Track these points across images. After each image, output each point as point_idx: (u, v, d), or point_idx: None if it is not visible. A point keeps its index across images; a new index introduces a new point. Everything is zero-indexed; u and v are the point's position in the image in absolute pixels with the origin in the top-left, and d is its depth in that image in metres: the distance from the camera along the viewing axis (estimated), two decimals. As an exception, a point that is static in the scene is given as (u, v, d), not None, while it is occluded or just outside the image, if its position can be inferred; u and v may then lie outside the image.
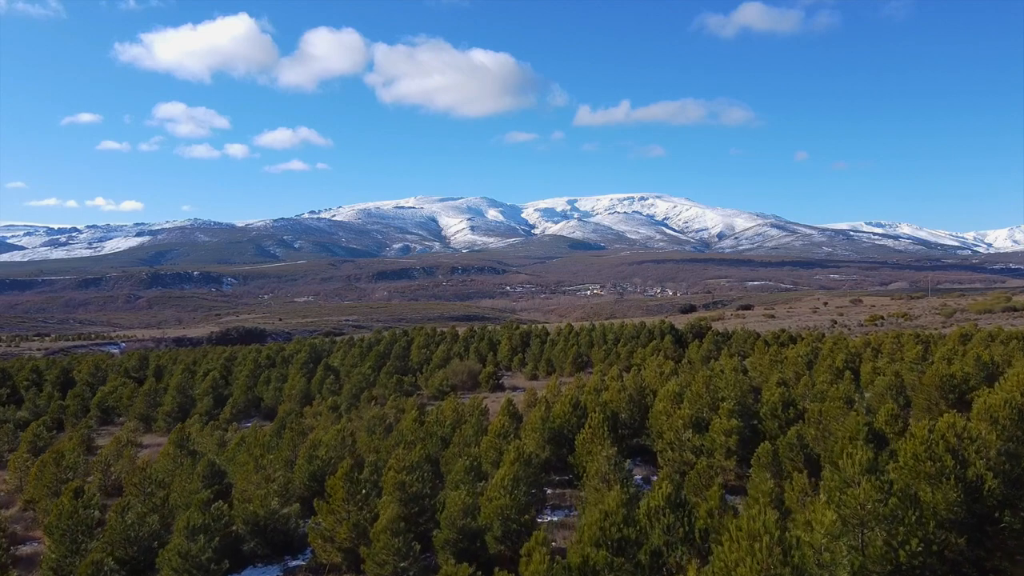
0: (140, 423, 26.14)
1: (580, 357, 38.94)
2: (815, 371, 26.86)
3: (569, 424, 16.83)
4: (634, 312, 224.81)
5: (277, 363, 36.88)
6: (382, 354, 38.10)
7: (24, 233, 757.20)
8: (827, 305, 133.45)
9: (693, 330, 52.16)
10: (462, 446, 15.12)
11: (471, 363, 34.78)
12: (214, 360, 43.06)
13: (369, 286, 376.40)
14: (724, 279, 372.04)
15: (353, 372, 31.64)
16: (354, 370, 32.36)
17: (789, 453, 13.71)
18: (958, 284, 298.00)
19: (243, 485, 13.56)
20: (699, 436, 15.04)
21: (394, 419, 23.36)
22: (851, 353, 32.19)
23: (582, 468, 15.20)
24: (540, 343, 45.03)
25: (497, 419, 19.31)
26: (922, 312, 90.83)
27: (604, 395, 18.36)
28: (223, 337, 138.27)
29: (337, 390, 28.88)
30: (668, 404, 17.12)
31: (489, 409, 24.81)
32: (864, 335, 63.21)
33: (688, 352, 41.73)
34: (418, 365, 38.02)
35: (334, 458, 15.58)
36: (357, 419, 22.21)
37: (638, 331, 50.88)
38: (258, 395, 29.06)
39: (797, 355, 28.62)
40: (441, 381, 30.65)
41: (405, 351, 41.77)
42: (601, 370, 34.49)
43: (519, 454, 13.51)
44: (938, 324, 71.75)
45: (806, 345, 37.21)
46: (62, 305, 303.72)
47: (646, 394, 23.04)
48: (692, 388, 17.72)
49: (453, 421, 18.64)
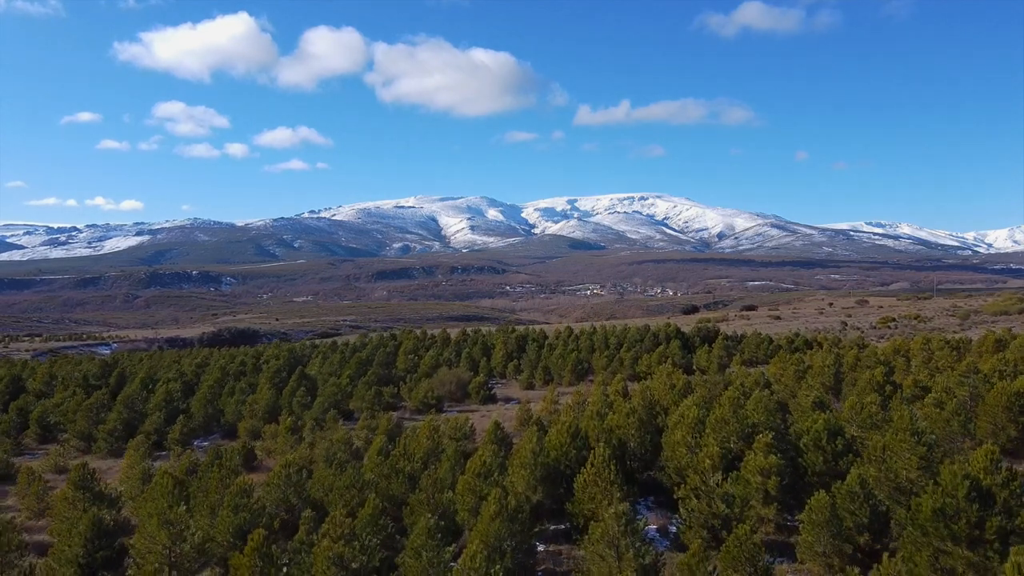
0: (81, 442, 23.02)
1: (580, 364, 35.82)
2: (847, 384, 23.71)
3: (567, 458, 13.69)
4: (634, 312, 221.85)
5: (248, 371, 33.70)
6: (364, 361, 34.88)
7: (24, 232, 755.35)
8: (832, 306, 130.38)
9: (700, 334, 48.99)
10: (432, 491, 11.98)
11: (460, 372, 31.60)
12: (188, 364, 39.94)
13: (368, 286, 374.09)
14: (724, 279, 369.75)
15: (329, 382, 28.48)
16: (331, 380, 29.20)
17: (851, 505, 10.59)
18: (959, 284, 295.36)
19: (144, 545, 10.44)
20: (730, 480, 11.91)
21: (366, 441, 20.23)
22: (880, 361, 29.06)
23: (583, 518, 12.07)
24: (537, 348, 41.87)
25: (480, 451, 16.15)
26: (934, 313, 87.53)
27: (609, 419, 15.25)
28: (215, 338, 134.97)
29: (308, 403, 25.74)
30: (687, 434, 13.99)
31: (476, 429, 21.67)
32: (879, 338, 60.08)
33: (696, 358, 38.62)
34: (404, 373, 34.92)
35: (272, 505, 12.47)
36: (323, 441, 19.07)
37: (642, 334, 47.73)
38: (221, 408, 25.92)
39: (823, 365, 25.49)
40: (426, 393, 27.49)
41: (391, 357, 38.56)
42: (603, 379, 31.36)
43: (501, 507, 10.40)
44: (955, 326, 68.57)
45: (828, 352, 34.06)
46: (60, 305, 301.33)
47: (657, 413, 19.91)
48: (716, 412, 14.58)
49: (428, 451, 15.50)
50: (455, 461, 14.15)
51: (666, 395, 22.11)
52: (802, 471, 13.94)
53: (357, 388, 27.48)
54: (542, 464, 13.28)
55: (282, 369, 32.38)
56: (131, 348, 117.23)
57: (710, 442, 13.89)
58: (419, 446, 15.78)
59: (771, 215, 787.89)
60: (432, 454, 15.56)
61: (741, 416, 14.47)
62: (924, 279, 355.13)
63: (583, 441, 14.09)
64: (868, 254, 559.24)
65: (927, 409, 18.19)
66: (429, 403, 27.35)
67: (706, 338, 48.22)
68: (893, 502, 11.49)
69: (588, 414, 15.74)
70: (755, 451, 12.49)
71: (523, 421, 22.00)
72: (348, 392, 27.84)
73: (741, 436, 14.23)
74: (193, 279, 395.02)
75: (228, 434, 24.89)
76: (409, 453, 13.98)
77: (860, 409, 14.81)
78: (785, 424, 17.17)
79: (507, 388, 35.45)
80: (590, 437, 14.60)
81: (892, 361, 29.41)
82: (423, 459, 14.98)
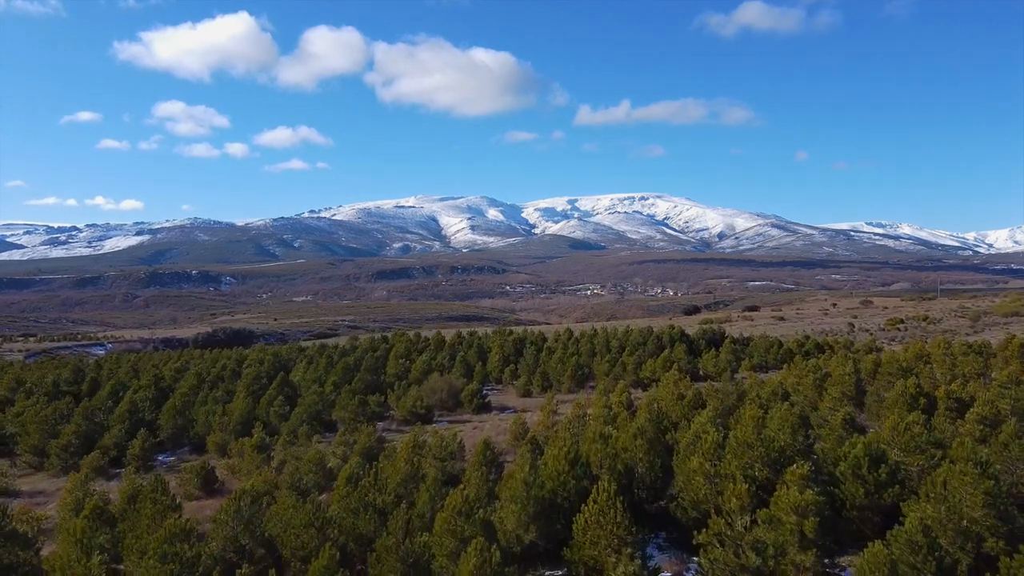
0: (34, 458, 21.06)
1: (580, 369, 33.83)
2: (871, 396, 21.72)
3: (565, 489, 11.71)
4: (635, 312, 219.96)
5: (226, 377, 31.67)
6: (351, 366, 32.84)
7: (24, 232, 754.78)
8: (836, 306, 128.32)
9: (705, 336, 47.01)
10: (403, 533, 10.00)
11: (452, 378, 29.58)
12: (168, 369, 37.92)
13: (368, 286, 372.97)
14: (725, 279, 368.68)
15: (310, 390, 26.50)
16: (312, 387, 27.21)
17: (912, 558, 8.62)
18: (960, 285, 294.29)
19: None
20: (759, 520, 9.93)
21: (343, 459, 18.27)
22: (903, 368, 27.07)
23: (583, 567, 10.10)
24: (535, 352, 39.87)
25: (468, 473, 14.18)
26: (942, 314, 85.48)
27: (613, 441, 13.28)
28: (210, 338, 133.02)
29: (287, 414, 23.76)
30: (705, 460, 12.02)
31: (466, 445, 19.72)
32: (889, 340, 58.04)
33: (703, 363, 36.66)
34: (395, 379, 32.93)
35: (219, 546, 10.51)
36: (293, 461, 17.10)
37: (645, 337, 45.75)
38: (193, 419, 23.93)
39: (843, 373, 23.49)
40: (414, 402, 25.49)
41: (380, 361, 36.52)
42: (605, 387, 29.40)
43: (483, 560, 8.43)
44: (966, 328, 66.60)
45: (844, 358, 32.07)
46: (58, 304, 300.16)
47: (666, 428, 17.97)
48: (736, 432, 12.60)
49: (406, 476, 13.52)
50: (435, 491, 12.17)
51: (675, 407, 20.17)
52: (838, 503, 11.99)
53: (340, 397, 25.49)
54: (536, 498, 11.30)
55: (262, 375, 30.35)
56: (126, 349, 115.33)
57: (732, 470, 11.92)
58: (396, 471, 13.80)
59: (771, 215, 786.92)
60: (411, 480, 13.59)
61: (765, 437, 12.50)
62: (925, 279, 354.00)
63: (584, 469, 12.11)
64: (868, 254, 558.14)
65: (969, 426, 16.24)
66: (418, 413, 25.36)
67: (712, 341, 46.24)
68: (958, 549, 9.54)
69: (589, 436, 13.76)
70: (788, 484, 10.51)
71: (517, 436, 20.04)
72: (331, 401, 25.85)
73: (767, 462, 12.26)
74: (193, 279, 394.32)
75: (198, 448, 22.94)
76: (381, 483, 12.00)
77: (903, 430, 12.83)
78: (808, 442, 15.21)
79: (503, 395, 33.47)
80: (592, 463, 12.62)
81: (915, 368, 27.42)
82: (399, 488, 13.01)
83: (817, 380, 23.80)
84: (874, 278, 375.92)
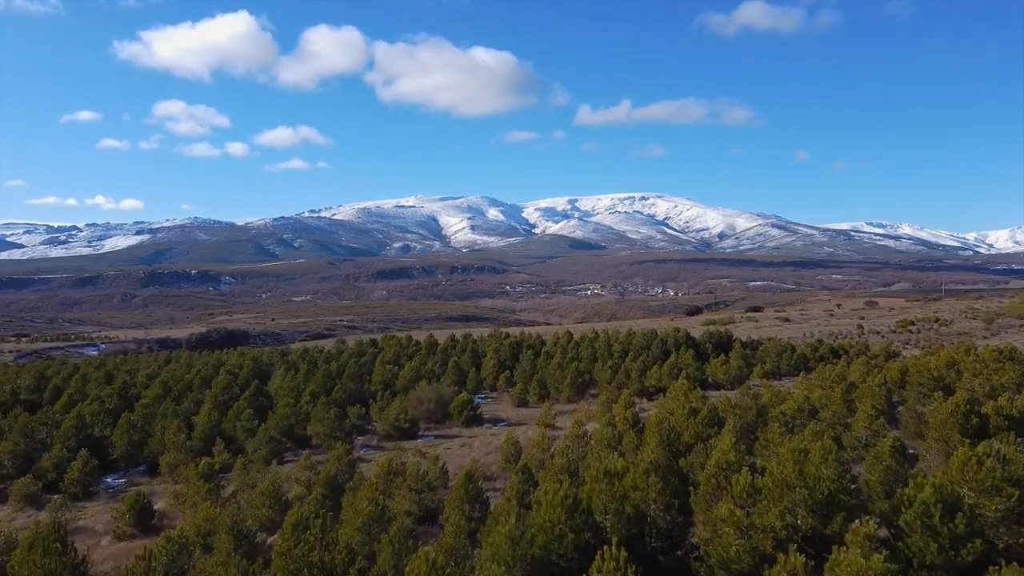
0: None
1: (581, 376, 31.41)
2: (907, 411, 19.31)
3: (562, 545, 9.32)
4: (635, 312, 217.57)
5: (195, 385, 29.23)
6: (332, 374, 30.36)
7: (24, 231, 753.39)
8: (840, 307, 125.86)
9: (712, 339, 44.60)
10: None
11: (441, 387, 27.16)
12: (142, 374, 35.53)
13: (368, 285, 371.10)
14: (726, 279, 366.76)
15: (281, 402, 24.10)
16: (285, 398, 24.81)
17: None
18: (961, 285, 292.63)
19: None
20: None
21: (306, 485, 15.88)
22: (933, 377, 24.70)
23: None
24: (533, 356, 37.46)
25: (445, 514, 11.80)
26: (952, 316, 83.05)
27: (621, 479, 10.89)
28: (203, 339, 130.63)
29: (254, 429, 21.38)
30: (737, 507, 9.64)
31: (449, 468, 17.33)
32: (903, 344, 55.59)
33: (711, 369, 34.22)
34: (381, 386, 30.55)
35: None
36: (246, 491, 14.73)
37: (649, 340, 43.33)
38: (150, 434, 21.52)
39: (873, 385, 21.11)
40: (398, 415, 23.08)
41: (367, 368, 34.06)
42: (607, 397, 27.00)
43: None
44: (981, 331, 64.19)
45: (865, 364, 29.70)
46: (57, 304, 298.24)
47: (679, 451, 15.66)
48: (775, 470, 10.22)
49: (370, 519, 11.13)
50: (401, 542, 9.79)
51: (687, 425, 17.78)
52: (902, 560, 9.63)
53: (316, 409, 23.11)
54: (523, 557, 8.92)
55: (234, 384, 27.91)
56: (120, 349, 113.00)
57: (771, 519, 9.54)
58: (357, 512, 11.41)
59: (772, 215, 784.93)
60: (376, 522, 11.20)
61: (808, 475, 10.12)
62: (926, 279, 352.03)
63: (585, 517, 9.72)
64: (869, 254, 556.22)
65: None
66: (401, 428, 22.97)
67: (719, 345, 43.84)
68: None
69: (592, 474, 11.33)
70: (849, 544, 8.15)
71: (509, 458, 17.66)
72: (306, 414, 23.47)
73: (813, 507, 9.87)
74: (192, 278, 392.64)
75: (156, 469, 20.54)
76: (332, 536, 9.58)
77: (975, 464, 10.47)
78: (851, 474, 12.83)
79: (497, 404, 31.06)
80: (595, 508, 10.23)
81: (946, 377, 25.03)
82: (360, 533, 10.62)
83: (845, 392, 21.38)
84: (875, 278, 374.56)
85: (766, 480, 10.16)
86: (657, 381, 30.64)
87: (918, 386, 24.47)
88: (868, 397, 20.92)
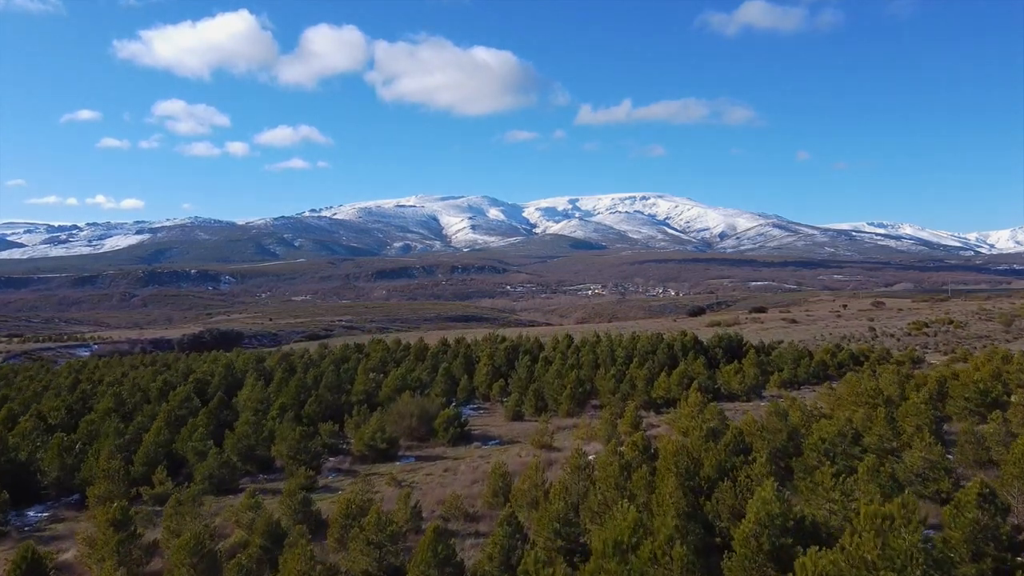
0: None
1: (582, 385, 28.63)
2: (964, 437, 16.48)
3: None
4: (636, 313, 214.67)
5: (152, 398, 26.41)
6: (307, 384, 27.47)
7: (24, 231, 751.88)
8: (847, 307, 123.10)
9: (722, 344, 41.76)
10: None
11: (427, 400, 24.33)
12: (109, 378, 32.76)
13: (368, 285, 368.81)
14: (727, 279, 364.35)
15: (240, 419, 21.30)
16: (250, 413, 21.98)
17: None
18: (964, 285, 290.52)
19: None
20: None
21: (249, 527, 13.08)
22: (979, 391, 21.91)
23: None
24: (530, 362, 34.59)
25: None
26: (966, 318, 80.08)
27: (634, 552, 8.14)
28: (196, 340, 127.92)
29: (206, 451, 18.58)
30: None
31: (425, 505, 14.55)
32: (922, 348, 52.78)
33: (723, 377, 31.30)
34: (363, 397, 27.80)
35: None
36: (168, 539, 11.94)
37: (654, 345, 40.52)
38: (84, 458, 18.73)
39: (918, 403, 18.31)
40: (374, 433, 20.29)
41: (348, 376, 31.16)
42: (612, 411, 24.23)
43: None
44: (1000, 333, 61.36)
45: (893, 373, 26.90)
46: (55, 304, 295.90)
47: (700, 488, 12.98)
48: (851, 546, 7.47)
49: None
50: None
51: (708, 452, 14.98)
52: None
53: (281, 426, 20.34)
54: None
55: (194, 396, 25.09)
56: (112, 350, 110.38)
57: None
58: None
59: (773, 215, 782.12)
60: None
61: (895, 550, 7.36)
62: (928, 279, 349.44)
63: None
64: (870, 254, 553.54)
65: None
66: (378, 448, 20.17)
67: (729, 349, 41.03)
68: None
69: (597, 547, 8.55)
70: None
71: (497, 491, 14.87)
72: (272, 431, 20.68)
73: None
74: (191, 278, 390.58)
75: (89, 497, 17.73)
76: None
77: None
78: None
79: (490, 416, 28.27)
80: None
81: (992, 390, 22.23)
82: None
83: (888, 410, 18.55)
84: (877, 278, 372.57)
85: (836, 559, 7.38)
86: (666, 392, 27.85)
87: (963, 401, 21.73)
88: (913, 416, 18.16)
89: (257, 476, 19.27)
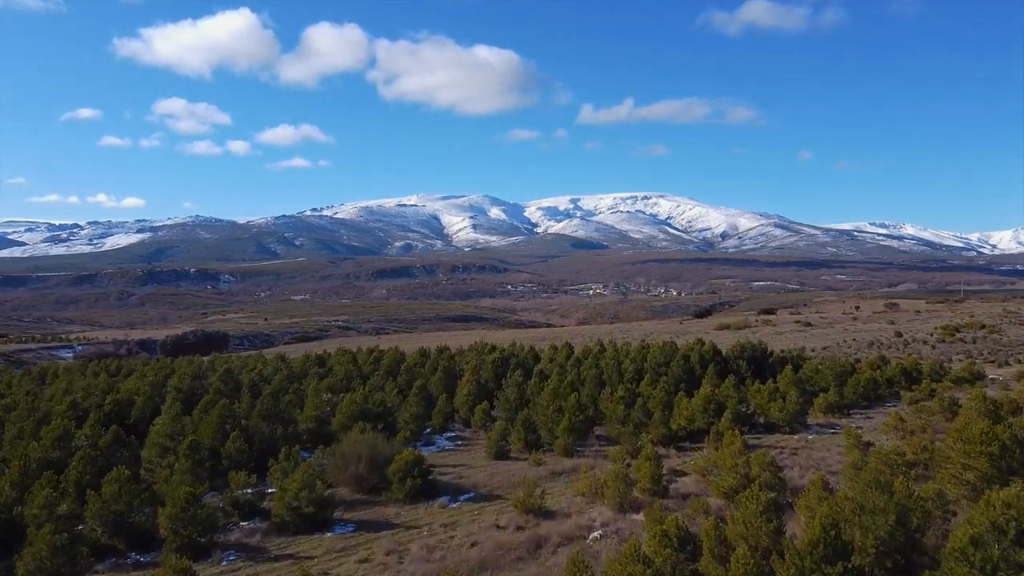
0: None
1: (583, 411, 23.09)
2: None
3: None
4: (638, 313, 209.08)
5: (26, 432, 20.62)
6: (236, 413, 21.47)
7: (25, 229, 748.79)
8: (859, 309, 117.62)
9: (744, 354, 36.07)
10: None
11: (380, 440, 18.65)
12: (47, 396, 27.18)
13: (368, 284, 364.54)
14: (729, 279, 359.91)
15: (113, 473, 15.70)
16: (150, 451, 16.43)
17: None
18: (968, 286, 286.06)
19: None
20: None
21: None
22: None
23: None
24: (522, 377, 29.00)
25: None
26: (995, 321, 74.42)
27: None
28: (179, 342, 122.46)
29: (43, 522, 13.06)
30: None
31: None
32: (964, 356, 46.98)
33: (753, 398, 25.73)
34: (315, 426, 22.26)
35: None
36: None
37: (667, 356, 34.83)
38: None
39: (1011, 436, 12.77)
40: (300, 489, 14.72)
41: (299, 397, 25.35)
42: (623, 450, 18.66)
43: None
44: (1042, 339, 55.69)
45: (980, 399, 21.30)
46: (52, 302, 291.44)
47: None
48: None
49: None
50: None
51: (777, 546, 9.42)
52: None
53: (173, 478, 14.82)
54: None
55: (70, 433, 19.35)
56: (96, 351, 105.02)
57: None
58: None
59: (774, 215, 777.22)
60: None
61: None
62: (931, 280, 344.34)
63: None
64: (872, 254, 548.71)
65: None
66: (302, 511, 14.56)
67: (754, 360, 35.38)
68: None
69: None
70: None
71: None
72: (151, 488, 15.10)
73: None
74: (191, 277, 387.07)
75: None
76: None
77: None
78: None
79: (468, 451, 22.63)
80: None
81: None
82: None
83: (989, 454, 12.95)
84: (880, 279, 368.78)
85: None
86: (688, 421, 22.26)
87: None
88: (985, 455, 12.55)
89: (127, 556, 13.69)
